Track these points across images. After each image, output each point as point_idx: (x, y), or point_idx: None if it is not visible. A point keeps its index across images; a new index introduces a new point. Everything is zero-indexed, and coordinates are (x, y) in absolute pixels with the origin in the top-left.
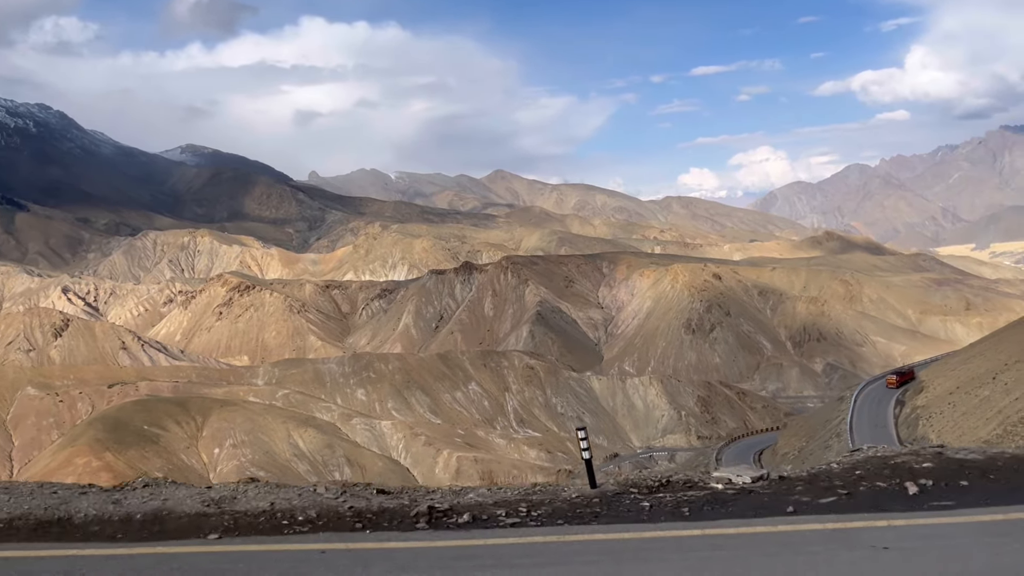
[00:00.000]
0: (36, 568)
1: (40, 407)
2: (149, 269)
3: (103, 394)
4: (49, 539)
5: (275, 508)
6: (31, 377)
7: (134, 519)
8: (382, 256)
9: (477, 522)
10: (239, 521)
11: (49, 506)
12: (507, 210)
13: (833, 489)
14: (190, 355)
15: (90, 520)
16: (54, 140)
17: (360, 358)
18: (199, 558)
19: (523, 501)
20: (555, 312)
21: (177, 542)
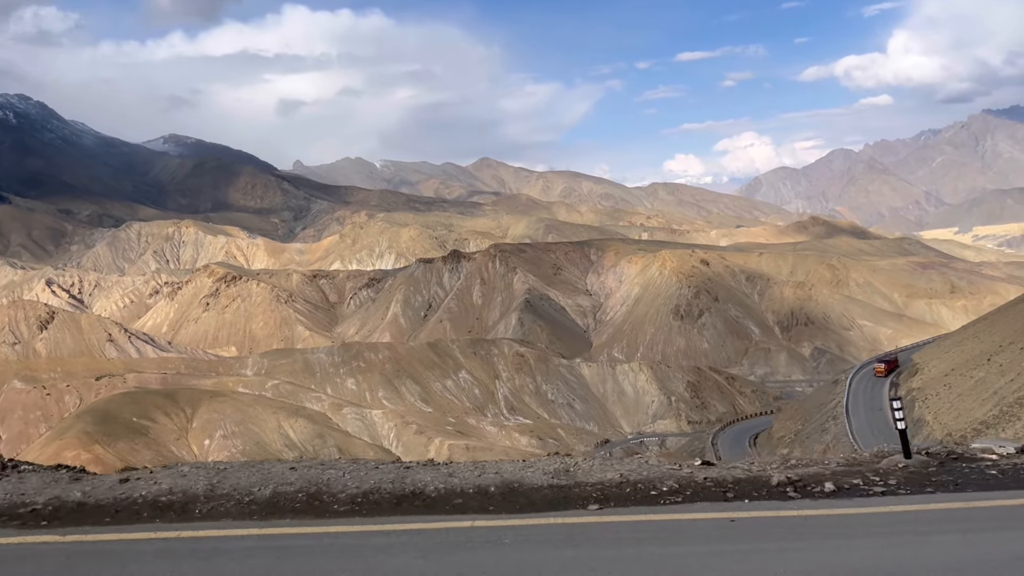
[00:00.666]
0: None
1: (27, 400)
2: (134, 260)
3: (91, 387)
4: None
5: (629, 479)
6: (17, 370)
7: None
8: (369, 245)
9: (842, 491)
10: (605, 492)
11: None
12: (493, 198)
13: None
14: (177, 346)
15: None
16: (35, 131)
17: (350, 348)
18: (670, 524)
19: (855, 472)
20: (543, 300)
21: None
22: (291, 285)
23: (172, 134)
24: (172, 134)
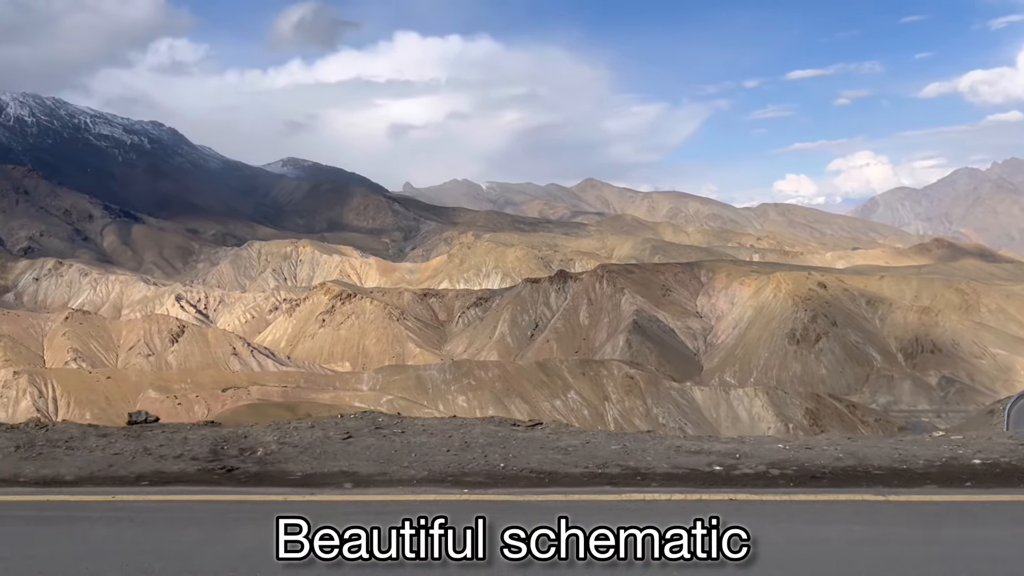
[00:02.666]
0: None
1: (160, 409)
2: (254, 278)
3: (217, 397)
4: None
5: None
6: (152, 380)
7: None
8: (476, 265)
9: None
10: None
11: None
12: (597, 218)
13: None
14: (296, 361)
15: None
16: (166, 156)
17: (460, 365)
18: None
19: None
20: (652, 321)
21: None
22: (402, 303)
23: (290, 157)
24: (290, 157)
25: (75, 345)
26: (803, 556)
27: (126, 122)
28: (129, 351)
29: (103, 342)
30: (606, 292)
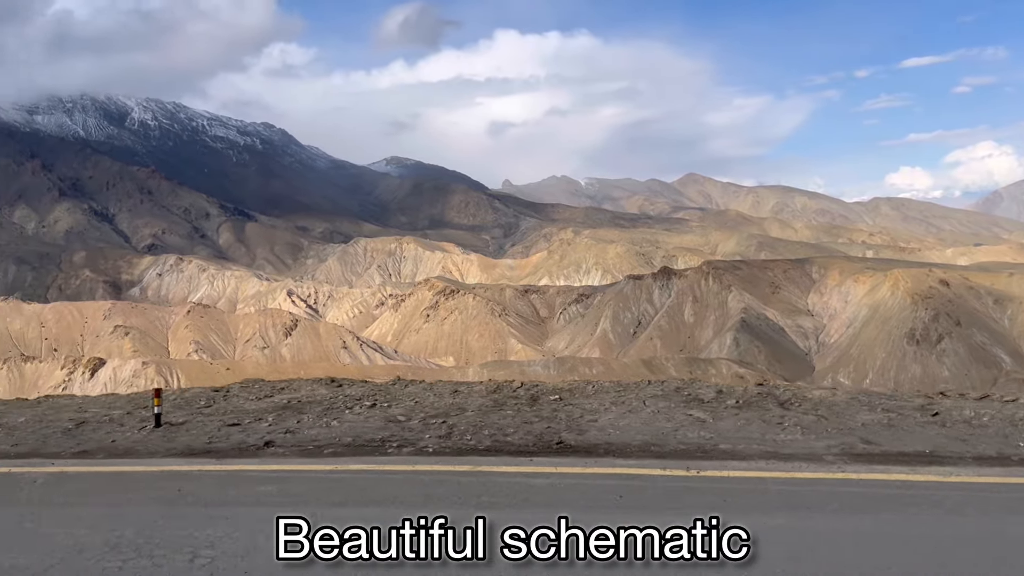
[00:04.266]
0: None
1: None
2: (360, 274)
3: None
4: None
5: None
6: (267, 372)
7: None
8: (576, 261)
9: None
10: None
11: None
12: (700, 214)
13: None
14: (402, 355)
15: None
16: (277, 156)
17: (564, 361)
18: None
19: None
20: (760, 319)
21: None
22: (504, 299)
23: (394, 156)
24: (394, 156)
25: (197, 337)
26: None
27: (240, 124)
28: (246, 343)
29: (222, 334)
30: (712, 289)
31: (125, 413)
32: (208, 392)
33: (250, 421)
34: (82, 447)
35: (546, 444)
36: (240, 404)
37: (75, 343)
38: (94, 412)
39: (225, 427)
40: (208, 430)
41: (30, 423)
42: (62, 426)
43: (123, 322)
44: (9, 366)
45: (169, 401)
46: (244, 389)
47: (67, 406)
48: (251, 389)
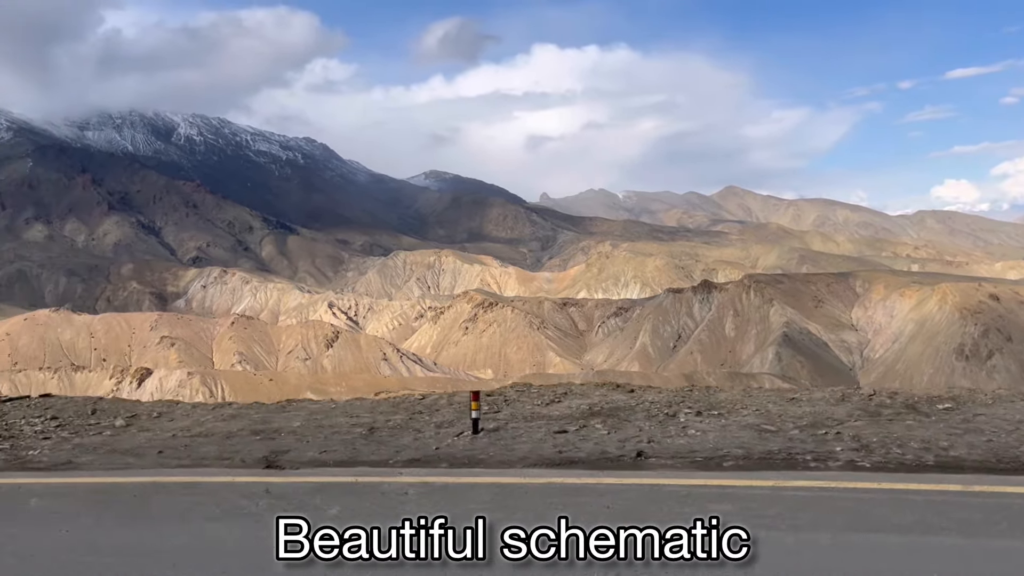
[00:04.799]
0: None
1: None
2: (400, 286)
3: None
4: None
5: None
6: (310, 383)
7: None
8: (614, 274)
9: None
10: None
11: None
12: (739, 227)
13: None
14: (441, 367)
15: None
16: (318, 170)
17: (604, 375)
18: None
19: None
20: (803, 334)
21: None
22: (542, 312)
23: (432, 170)
24: (432, 170)
25: (240, 348)
26: None
27: (282, 139)
28: (288, 355)
29: (265, 346)
30: (753, 303)
31: (407, 418)
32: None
33: (576, 428)
34: (404, 455)
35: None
36: (534, 409)
37: (123, 353)
38: (366, 418)
39: (552, 434)
40: (535, 437)
41: (310, 429)
42: (354, 432)
43: (169, 333)
44: (60, 375)
45: (440, 407)
46: (521, 394)
47: (324, 411)
48: (528, 394)
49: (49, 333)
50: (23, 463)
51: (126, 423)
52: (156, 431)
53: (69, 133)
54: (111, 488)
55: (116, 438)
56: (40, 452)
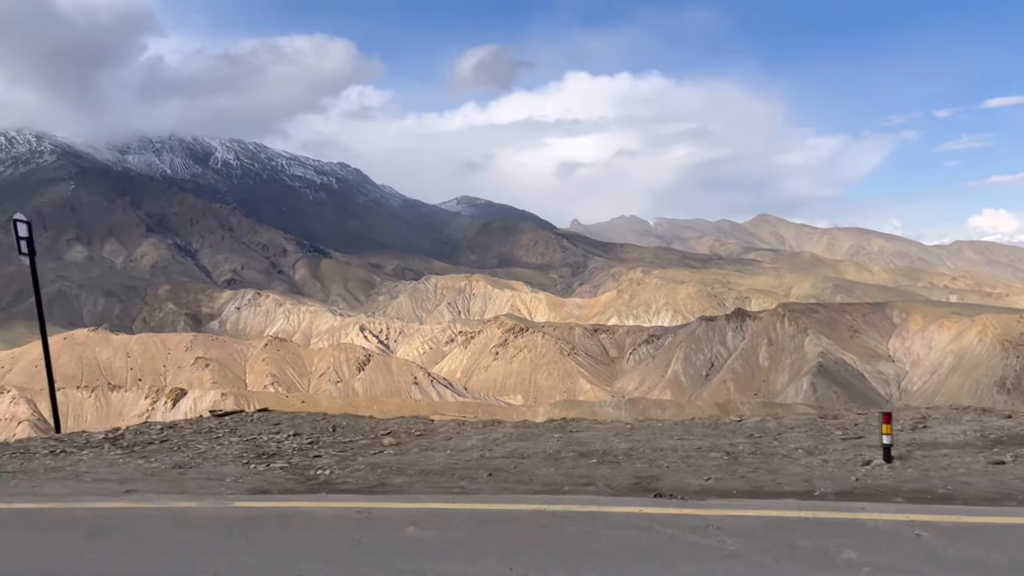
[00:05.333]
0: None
1: None
2: (431, 311)
3: None
4: None
5: None
6: (341, 406)
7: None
8: (646, 301)
9: None
10: None
11: None
12: (772, 255)
13: None
14: (472, 392)
15: None
16: (352, 195)
17: (636, 403)
18: None
19: None
20: (838, 364)
21: None
22: (573, 338)
23: (464, 196)
24: (464, 196)
25: (273, 370)
26: None
27: (317, 164)
28: (320, 377)
29: (297, 368)
30: (788, 332)
31: (753, 443)
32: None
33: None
34: (823, 487)
35: None
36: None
37: (158, 373)
38: (701, 442)
39: (990, 464)
40: (959, 469)
41: (645, 452)
42: (712, 456)
43: (204, 354)
44: (97, 394)
45: (783, 431)
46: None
47: (626, 432)
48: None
49: (87, 352)
50: (326, 484)
51: (397, 441)
52: (443, 450)
53: (110, 157)
54: (497, 516)
55: (402, 458)
56: (331, 472)
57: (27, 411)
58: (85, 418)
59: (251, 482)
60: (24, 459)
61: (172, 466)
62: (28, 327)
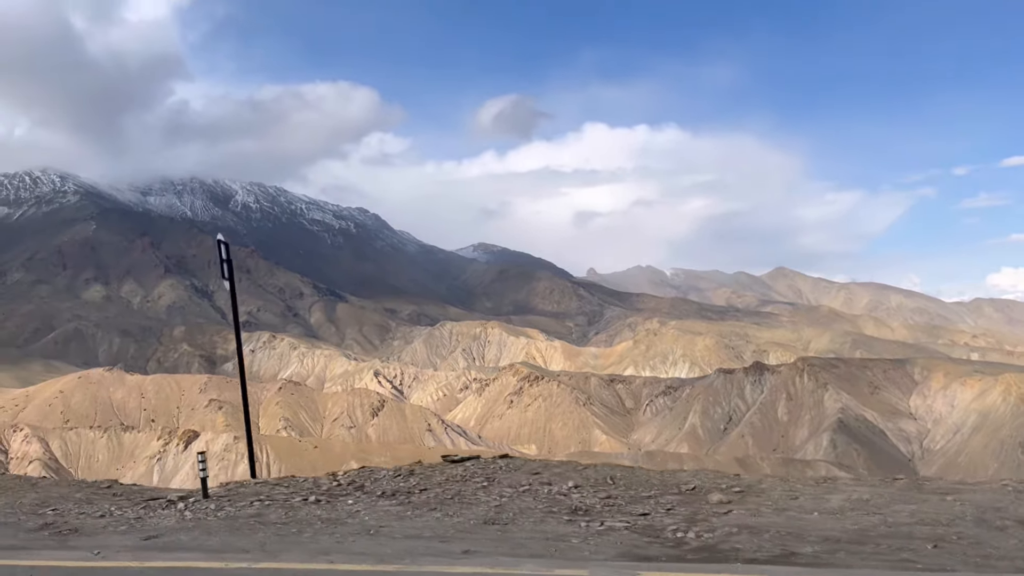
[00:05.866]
0: None
1: None
2: (445, 357)
3: None
4: None
5: None
6: (354, 452)
7: None
8: (662, 352)
9: None
10: None
11: None
12: (789, 308)
13: None
14: (486, 440)
15: None
16: (369, 239)
17: (653, 456)
18: None
19: None
20: (859, 421)
21: None
22: (589, 388)
23: (481, 243)
24: (481, 243)
25: (286, 414)
26: None
27: (335, 208)
28: (333, 422)
29: (311, 412)
30: (807, 387)
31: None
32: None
33: None
34: None
35: None
36: None
37: (171, 415)
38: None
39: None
40: None
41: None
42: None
43: (217, 396)
44: (109, 435)
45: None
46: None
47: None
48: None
49: (101, 392)
50: (711, 551)
51: (727, 499)
52: (804, 511)
53: (132, 198)
54: None
55: (761, 519)
56: (697, 535)
57: (39, 450)
58: (97, 458)
59: (610, 544)
60: (284, 508)
61: (482, 521)
62: (44, 365)
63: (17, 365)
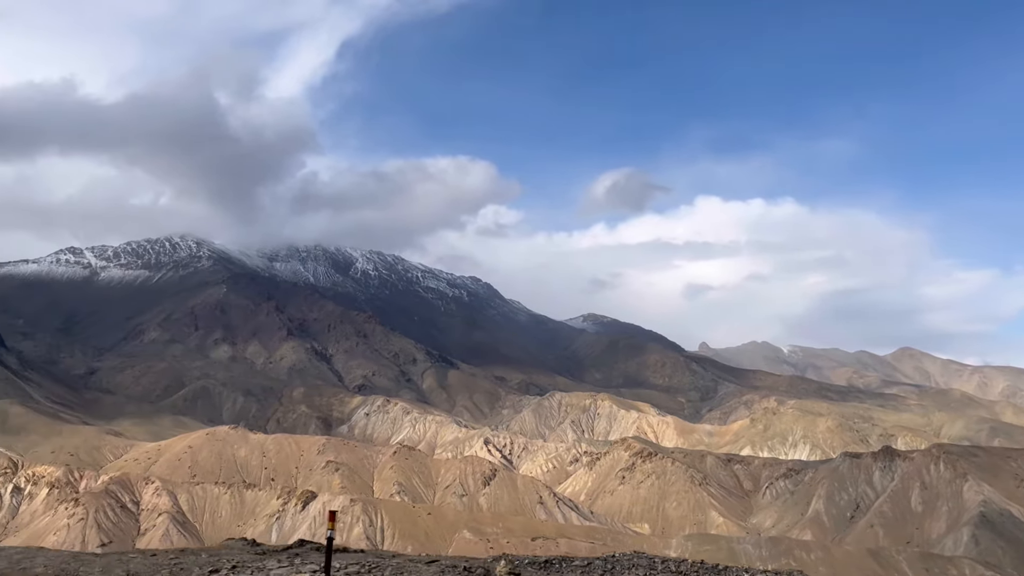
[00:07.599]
0: None
1: (475, 551)
2: (554, 428)
3: (527, 546)
4: None
5: None
6: (467, 521)
7: None
8: (781, 433)
9: None
10: None
11: None
12: (915, 391)
13: None
14: (597, 516)
15: None
16: (481, 308)
17: (778, 542)
18: None
19: None
20: (1004, 516)
21: None
22: (705, 467)
23: (590, 313)
24: (590, 313)
25: (400, 479)
26: None
27: (450, 277)
28: (445, 489)
29: (423, 478)
30: (944, 476)
31: None
32: None
33: None
34: None
35: None
36: None
37: (290, 474)
38: None
39: None
40: None
41: None
42: None
43: (335, 458)
44: (232, 492)
45: None
46: None
47: None
48: None
49: (226, 449)
50: None
51: None
52: None
53: (260, 263)
54: None
55: None
56: None
57: (168, 503)
58: (220, 514)
59: None
60: None
61: None
62: (173, 420)
63: (150, 420)
